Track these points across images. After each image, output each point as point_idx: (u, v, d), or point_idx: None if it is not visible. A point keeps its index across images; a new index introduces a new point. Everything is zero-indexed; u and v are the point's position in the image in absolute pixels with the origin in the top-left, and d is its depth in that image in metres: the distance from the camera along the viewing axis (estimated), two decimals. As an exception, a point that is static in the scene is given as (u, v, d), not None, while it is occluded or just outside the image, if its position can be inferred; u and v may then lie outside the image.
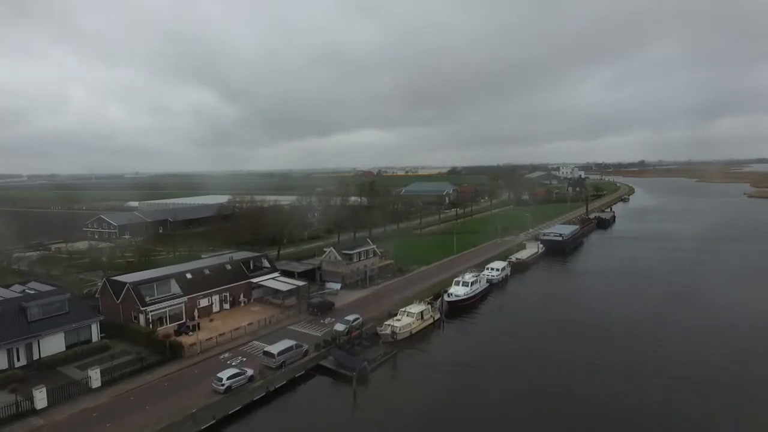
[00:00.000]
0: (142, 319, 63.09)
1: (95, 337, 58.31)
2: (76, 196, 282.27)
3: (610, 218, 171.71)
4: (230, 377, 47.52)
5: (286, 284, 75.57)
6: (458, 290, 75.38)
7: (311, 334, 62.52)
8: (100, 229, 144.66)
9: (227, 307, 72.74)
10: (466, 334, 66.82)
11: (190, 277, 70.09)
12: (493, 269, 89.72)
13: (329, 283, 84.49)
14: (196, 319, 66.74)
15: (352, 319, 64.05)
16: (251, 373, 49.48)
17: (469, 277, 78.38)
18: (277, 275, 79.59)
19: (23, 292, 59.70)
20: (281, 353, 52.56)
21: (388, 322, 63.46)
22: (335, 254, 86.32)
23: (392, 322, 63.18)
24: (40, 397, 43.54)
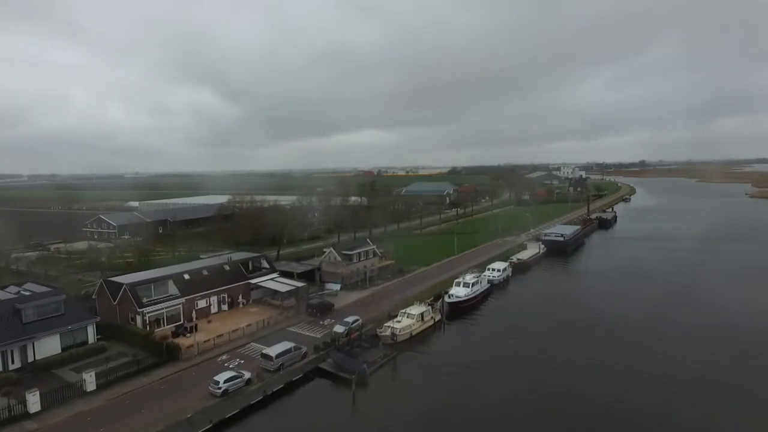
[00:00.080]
0: (139, 320, 62.46)
1: (91, 338, 57.58)
2: (76, 196, 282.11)
3: (611, 218, 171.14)
4: (227, 380, 46.81)
5: (285, 285, 74.81)
6: (459, 291, 74.62)
7: (310, 335, 61.85)
8: (99, 229, 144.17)
9: (225, 308, 72.07)
10: (467, 335, 66.11)
11: (188, 277, 69.42)
12: (494, 270, 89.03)
13: (329, 283, 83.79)
14: (194, 320, 66.02)
15: (351, 320, 63.35)
16: (249, 375, 48.78)
17: (469, 277, 77.59)
18: (276, 276, 78.88)
19: (18, 293, 58.93)
20: (279, 355, 51.84)
21: (388, 323, 62.72)
22: (335, 255, 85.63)
23: (392, 323, 62.45)
24: (33, 400, 42.80)
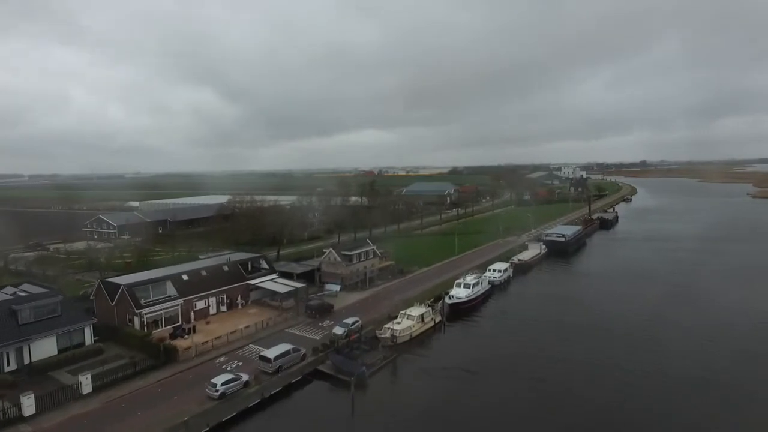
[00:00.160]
0: (137, 321, 61.84)
1: (88, 340, 56.92)
2: (76, 196, 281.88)
3: (613, 219, 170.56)
4: (225, 383, 46.21)
5: (284, 286, 74.20)
6: (460, 292, 73.96)
7: (309, 337, 61.25)
8: (99, 229, 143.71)
9: (224, 309, 71.48)
10: (467, 337, 65.45)
11: (186, 278, 68.82)
12: (495, 270, 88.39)
13: (328, 284, 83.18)
14: (192, 321, 65.43)
15: (351, 322, 62.72)
16: (246, 378, 48.22)
17: (470, 278, 76.92)
18: (275, 277, 78.30)
19: (15, 294, 58.51)
20: (278, 358, 51.22)
21: (387, 325, 62.08)
22: (335, 255, 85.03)
23: (392, 325, 61.81)
24: (28, 403, 42.20)
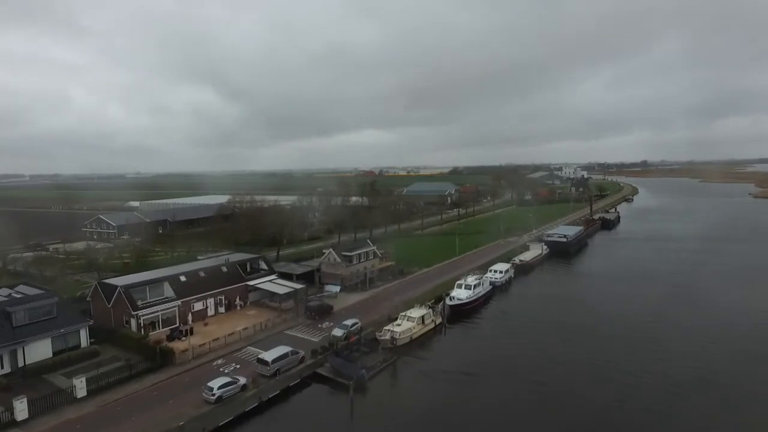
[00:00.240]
0: (133, 323, 61.10)
1: (84, 342, 56.17)
2: (77, 196, 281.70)
3: (614, 219, 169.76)
4: (221, 386, 45.45)
5: (283, 287, 73.43)
6: (460, 293, 73.14)
7: (308, 339, 60.48)
8: (99, 229, 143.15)
9: (222, 310, 70.73)
10: (468, 338, 64.67)
11: (184, 279, 68.08)
12: (496, 271, 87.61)
13: (328, 285, 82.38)
14: (189, 323, 64.65)
15: (350, 323, 61.96)
16: (244, 381, 47.45)
17: (471, 279, 76.07)
18: (274, 277, 77.52)
19: (10, 295, 57.73)
20: (276, 360, 50.45)
21: (387, 327, 61.33)
22: (335, 256, 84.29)
23: (392, 326, 61.05)
24: (20, 407, 41.47)
